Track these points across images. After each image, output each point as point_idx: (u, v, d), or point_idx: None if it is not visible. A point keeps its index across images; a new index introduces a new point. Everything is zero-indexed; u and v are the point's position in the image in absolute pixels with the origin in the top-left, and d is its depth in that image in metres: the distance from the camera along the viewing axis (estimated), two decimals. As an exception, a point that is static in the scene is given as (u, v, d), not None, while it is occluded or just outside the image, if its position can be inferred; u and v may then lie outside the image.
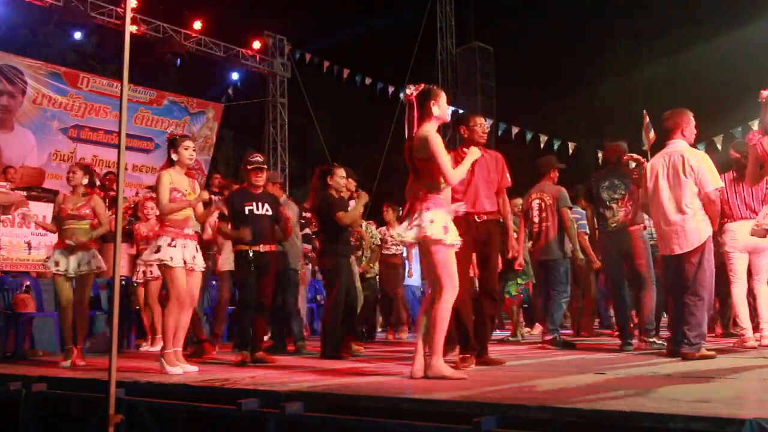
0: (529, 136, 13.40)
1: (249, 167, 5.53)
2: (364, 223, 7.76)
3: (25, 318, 6.58)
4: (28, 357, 6.34)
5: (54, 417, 4.25)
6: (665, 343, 5.17)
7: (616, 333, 6.36)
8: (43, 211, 7.79)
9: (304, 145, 17.70)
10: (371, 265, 7.82)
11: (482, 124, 4.76)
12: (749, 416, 2.21)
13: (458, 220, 4.32)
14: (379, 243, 7.99)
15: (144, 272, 6.77)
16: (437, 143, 3.89)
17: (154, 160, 14.15)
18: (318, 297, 9.88)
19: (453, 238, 3.89)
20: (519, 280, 7.37)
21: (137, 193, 10.99)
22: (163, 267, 4.68)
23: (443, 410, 2.87)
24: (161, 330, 4.75)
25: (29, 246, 7.74)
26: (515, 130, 14.21)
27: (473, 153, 4.24)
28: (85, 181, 5.65)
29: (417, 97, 4.02)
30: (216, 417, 3.53)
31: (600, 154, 12.88)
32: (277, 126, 16.69)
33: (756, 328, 5.65)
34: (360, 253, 7.55)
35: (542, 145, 13.30)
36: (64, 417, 4.20)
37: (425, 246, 3.91)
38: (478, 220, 4.67)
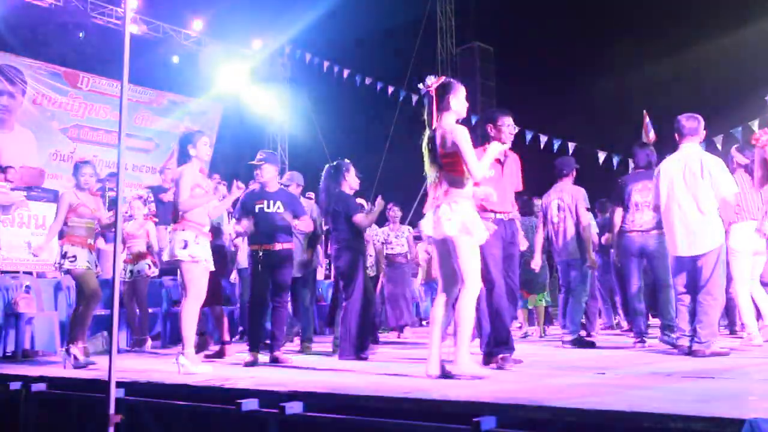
0: (529, 136, 13.37)
1: (255, 163, 5.49)
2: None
3: (25, 318, 6.58)
4: (28, 357, 6.34)
5: (54, 417, 4.25)
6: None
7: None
8: (44, 211, 7.78)
9: (304, 145, 17.67)
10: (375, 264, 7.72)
11: (510, 124, 4.71)
12: (749, 416, 2.21)
13: (487, 218, 4.41)
14: (383, 242, 7.93)
15: (132, 271, 6.82)
16: (464, 136, 3.84)
17: (154, 160, 14.15)
18: (318, 297, 9.87)
19: (479, 232, 3.85)
20: (540, 296, 7.64)
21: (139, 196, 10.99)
22: (191, 262, 4.63)
23: (443, 410, 2.87)
24: (182, 329, 4.70)
25: (29, 246, 7.72)
26: (515, 130, 14.15)
27: (494, 148, 4.13)
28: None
29: (437, 89, 3.97)
30: (216, 417, 3.53)
31: (600, 155, 12.88)
32: (277, 126, 16.68)
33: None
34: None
35: (542, 145, 13.27)
36: (64, 417, 4.21)
37: (448, 241, 3.84)
38: (505, 219, 4.66)
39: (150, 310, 7.19)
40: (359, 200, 7.24)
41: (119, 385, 3.58)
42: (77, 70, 13.55)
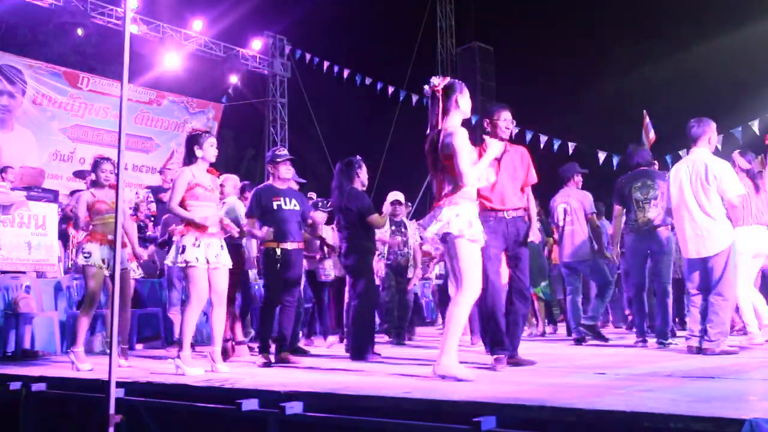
0: (529, 136, 13.38)
1: (278, 159, 5.41)
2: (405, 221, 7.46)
3: (25, 318, 6.58)
4: (28, 357, 6.33)
5: (54, 417, 4.25)
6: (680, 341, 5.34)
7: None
8: (44, 211, 7.77)
9: (304, 145, 17.69)
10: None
11: (507, 119, 4.58)
12: (749, 416, 2.21)
13: (488, 216, 4.36)
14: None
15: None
16: (459, 140, 3.80)
17: (154, 160, 14.16)
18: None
19: (476, 234, 3.81)
20: (538, 289, 7.66)
21: (137, 194, 11.00)
22: (186, 267, 4.60)
23: (443, 410, 2.87)
24: (180, 330, 4.69)
25: (29, 246, 7.72)
26: (515, 130, 14.13)
27: (492, 149, 4.07)
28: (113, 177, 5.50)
29: (443, 90, 3.92)
30: (216, 417, 3.53)
31: (600, 155, 12.89)
32: (277, 126, 16.68)
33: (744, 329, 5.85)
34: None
35: (542, 145, 13.28)
36: (64, 417, 4.21)
37: (449, 241, 3.81)
38: (508, 217, 4.54)
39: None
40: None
41: (119, 385, 3.58)
42: (77, 70, 13.56)
